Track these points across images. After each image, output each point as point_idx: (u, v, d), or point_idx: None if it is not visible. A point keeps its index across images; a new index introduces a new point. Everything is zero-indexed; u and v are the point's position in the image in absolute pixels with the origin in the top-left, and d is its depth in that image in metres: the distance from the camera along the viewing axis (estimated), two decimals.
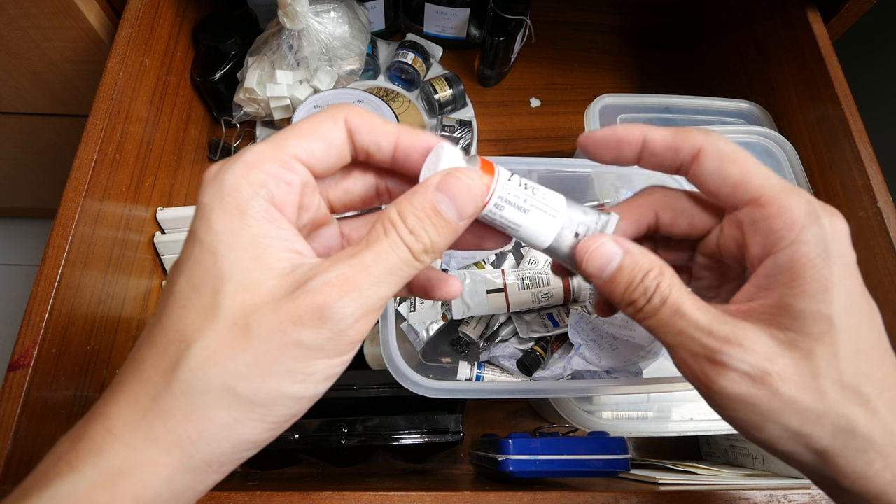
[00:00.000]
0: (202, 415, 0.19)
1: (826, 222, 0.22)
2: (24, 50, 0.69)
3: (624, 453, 0.43)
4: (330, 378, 0.21)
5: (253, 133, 0.73)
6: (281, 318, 0.19)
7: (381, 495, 0.36)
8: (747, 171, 0.23)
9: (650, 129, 0.25)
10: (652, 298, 0.23)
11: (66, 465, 0.19)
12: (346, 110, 0.23)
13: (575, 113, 0.81)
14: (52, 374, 0.41)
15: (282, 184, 0.21)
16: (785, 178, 0.59)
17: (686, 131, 0.25)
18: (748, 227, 0.23)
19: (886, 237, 0.50)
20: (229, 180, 0.20)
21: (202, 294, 0.20)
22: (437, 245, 0.21)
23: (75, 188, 0.46)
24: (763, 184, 0.23)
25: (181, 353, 0.19)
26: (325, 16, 0.65)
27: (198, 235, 0.20)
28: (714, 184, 0.24)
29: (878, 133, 0.59)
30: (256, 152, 0.21)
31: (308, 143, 0.22)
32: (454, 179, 0.21)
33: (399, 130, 0.23)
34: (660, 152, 0.25)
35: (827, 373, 0.21)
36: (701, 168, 0.24)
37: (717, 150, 0.24)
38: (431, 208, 0.21)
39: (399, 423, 0.46)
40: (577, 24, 0.89)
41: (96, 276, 0.48)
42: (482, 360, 0.56)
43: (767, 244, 0.23)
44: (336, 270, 0.20)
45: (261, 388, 0.19)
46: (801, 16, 0.62)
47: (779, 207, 0.22)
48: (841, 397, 0.21)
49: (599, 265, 0.24)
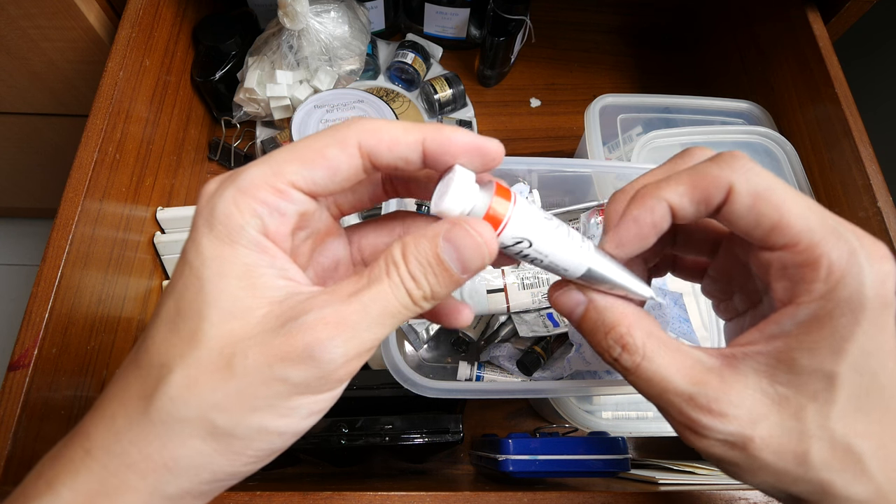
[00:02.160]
0: (179, 443, 0.19)
1: (867, 273, 0.19)
2: (24, 50, 0.69)
3: (624, 453, 0.43)
4: (315, 414, 0.20)
5: (253, 133, 0.73)
6: (268, 353, 0.18)
7: (381, 495, 0.36)
8: (785, 211, 0.20)
9: (668, 193, 0.22)
10: (620, 359, 0.23)
11: (45, 484, 0.19)
12: (357, 131, 0.20)
13: (575, 113, 0.81)
14: (52, 374, 0.41)
15: (275, 214, 0.20)
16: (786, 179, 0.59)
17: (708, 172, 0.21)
18: (776, 269, 0.21)
19: (886, 237, 0.50)
20: (221, 206, 0.19)
21: (187, 319, 0.19)
22: (437, 294, 0.20)
23: (75, 188, 0.46)
24: (803, 227, 0.20)
25: (161, 378, 0.19)
26: (325, 16, 0.65)
27: (188, 259, 0.20)
28: (747, 226, 0.21)
29: (878, 133, 0.59)
30: (251, 177, 0.20)
31: (310, 171, 0.20)
32: (463, 232, 0.20)
33: (423, 136, 0.21)
34: (691, 214, 0.22)
35: (815, 433, 0.21)
36: (732, 211, 0.21)
37: (750, 188, 0.21)
38: (435, 258, 0.20)
39: (399, 423, 0.46)
40: (577, 24, 0.89)
41: (96, 276, 0.48)
42: (482, 360, 0.56)
43: (794, 293, 0.20)
44: (331, 307, 0.19)
45: (240, 422, 0.19)
46: (801, 16, 0.62)
47: (817, 256, 0.20)
48: (824, 460, 0.21)
49: (566, 312, 0.25)
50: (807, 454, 0.21)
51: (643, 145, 0.57)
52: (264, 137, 0.70)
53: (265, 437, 0.19)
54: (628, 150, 0.59)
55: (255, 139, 0.73)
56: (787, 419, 0.21)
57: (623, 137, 0.63)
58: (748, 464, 0.21)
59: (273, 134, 0.70)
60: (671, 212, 0.22)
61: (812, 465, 0.21)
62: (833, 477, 0.21)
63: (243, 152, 0.73)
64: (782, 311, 0.21)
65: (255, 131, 0.73)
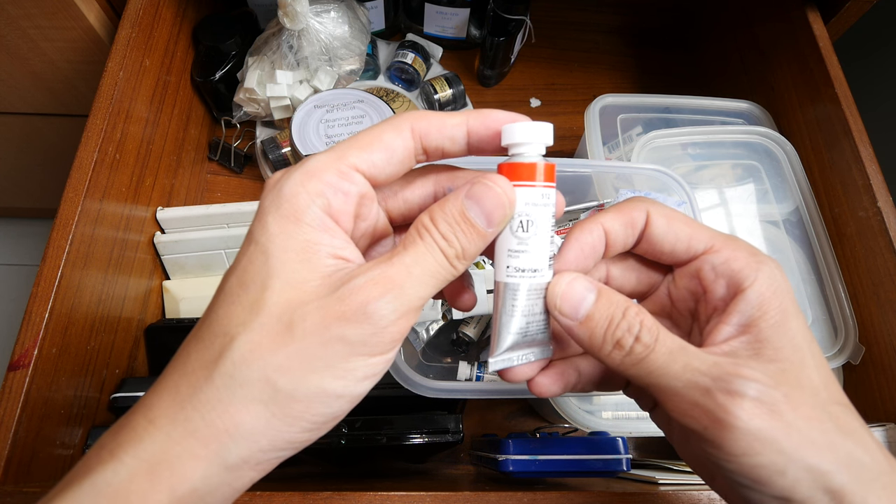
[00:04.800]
0: (241, 407, 0.19)
1: (767, 262, 0.23)
2: (24, 50, 0.69)
3: (624, 453, 0.43)
4: (370, 378, 0.21)
5: (253, 133, 0.73)
6: (325, 315, 0.20)
7: (381, 495, 0.36)
8: (693, 226, 0.25)
9: (603, 219, 0.26)
10: (640, 336, 0.22)
11: (108, 453, 0.19)
12: (411, 118, 0.23)
13: (575, 113, 0.81)
14: (52, 374, 0.41)
15: (339, 193, 0.21)
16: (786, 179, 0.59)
17: (628, 203, 0.26)
18: (707, 273, 0.24)
19: (886, 237, 0.50)
20: (288, 188, 0.21)
21: (250, 290, 0.20)
22: (467, 251, 0.22)
23: (75, 188, 0.46)
24: (712, 234, 0.25)
25: (225, 345, 0.20)
26: (325, 16, 0.65)
27: (254, 236, 0.21)
28: (669, 242, 0.25)
29: (878, 133, 0.59)
30: (317, 162, 0.22)
31: (369, 154, 0.22)
32: (483, 187, 0.22)
33: (466, 118, 0.23)
34: (622, 234, 0.26)
35: (816, 401, 0.21)
36: (654, 231, 0.25)
37: (662, 212, 0.25)
38: (461, 215, 0.21)
39: (399, 423, 0.46)
40: (577, 24, 0.89)
41: (96, 276, 0.48)
42: (482, 360, 0.56)
43: (732, 284, 0.23)
44: (378, 269, 0.20)
45: (301, 383, 0.19)
46: (801, 16, 0.62)
47: (733, 250, 0.24)
48: (835, 427, 0.21)
49: (573, 304, 0.23)
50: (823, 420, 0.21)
51: (643, 145, 0.57)
52: (264, 137, 0.70)
53: (324, 399, 0.20)
54: (628, 150, 0.59)
55: (255, 139, 0.73)
56: (794, 389, 0.21)
57: (623, 137, 0.63)
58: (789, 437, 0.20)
59: (273, 134, 0.70)
60: (605, 234, 0.26)
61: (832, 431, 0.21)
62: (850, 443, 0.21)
63: (243, 152, 0.73)
64: (735, 302, 0.23)
65: (255, 131, 0.73)
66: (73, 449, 0.44)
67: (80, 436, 0.45)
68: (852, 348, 0.51)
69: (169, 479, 0.19)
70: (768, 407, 0.20)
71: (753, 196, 0.58)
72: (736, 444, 0.20)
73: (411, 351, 0.56)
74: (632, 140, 0.62)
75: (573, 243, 0.25)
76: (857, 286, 0.52)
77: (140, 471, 0.19)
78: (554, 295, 0.24)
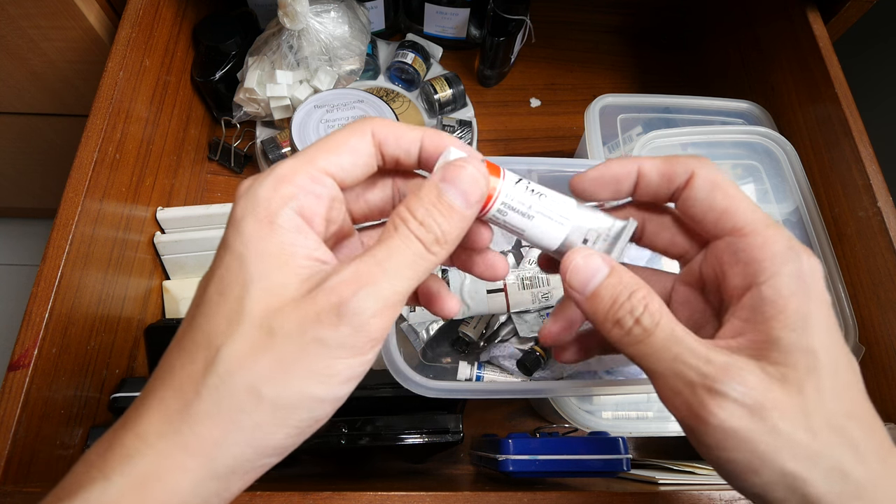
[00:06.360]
0: (227, 417, 0.19)
1: (805, 259, 0.22)
2: (24, 50, 0.69)
3: (624, 453, 0.43)
4: (352, 380, 0.21)
5: (253, 133, 0.73)
6: (301, 318, 0.20)
7: (381, 495, 0.36)
8: (735, 200, 0.24)
9: (643, 161, 0.25)
10: (641, 319, 0.22)
11: (98, 471, 0.19)
12: (371, 124, 0.24)
13: (575, 113, 0.81)
14: (52, 374, 0.41)
15: (311, 196, 0.22)
16: (786, 179, 0.59)
17: (678, 158, 0.25)
18: (728, 256, 0.24)
19: (886, 237, 0.50)
20: (261, 192, 0.21)
21: (229, 298, 0.20)
22: (447, 234, 0.22)
23: (75, 188, 0.46)
24: (749, 215, 0.23)
25: (210, 359, 0.20)
26: (325, 16, 0.65)
27: (228, 243, 0.21)
28: (702, 209, 0.24)
29: (878, 133, 0.59)
30: (287, 166, 0.22)
31: (337, 158, 0.23)
32: (457, 169, 0.22)
33: (423, 134, 0.24)
34: (655, 182, 0.25)
35: (817, 410, 0.21)
36: (691, 193, 0.24)
37: (709, 177, 0.24)
38: (438, 198, 0.22)
39: (399, 423, 0.46)
40: (577, 24, 0.89)
41: (96, 276, 0.48)
42: (482, 360, 0.56)
43: (748, 275, 0.23)
44: (351, 268, 0.20)
45: (284, 390, 0.19)
46: (801, 16, 0.62)
47: (762, 239, 0.23)
48: (831, 438, 0.20)
49: (583, 279, 0.24)
50: (816, 429, 0.20)
51: (643, 145, 0.57)
52: (264, 137, 0.70)
53: (308, 403, 0.20)
54: (628, 150, 0.59)
55: (255, 139, 0.73)
56: (792, 395, 0.21)
57: (623, 137, 0.63)
58: (768, 440, 0.20)
59: (273, 134, 0.70)
60: (638, 175, 0.25)
61: (824, 441, 0.20)
62: (844, 455, 0.20)
63: (243, 152, 0.73)
64: (748, 296, 0.22)
65: (255, 131, 0.73)
66: (73, 449, 0.44)
67: (80, 436, 0.45)
68: (852, 348, 0.51)
69: (160, 494, 0.19)
70: (750, 409, 0.20)
71: (753, 196, 0.58)
72: (709, 438, 0.21)
73: (411, 351, 0.56)
74: (632, 140, 0.62)
75: (601, 167, 0.25)
76: (857, 286, 0.52)
77: (130, 487, 0.19)
78: (566, 266, 0.24)
